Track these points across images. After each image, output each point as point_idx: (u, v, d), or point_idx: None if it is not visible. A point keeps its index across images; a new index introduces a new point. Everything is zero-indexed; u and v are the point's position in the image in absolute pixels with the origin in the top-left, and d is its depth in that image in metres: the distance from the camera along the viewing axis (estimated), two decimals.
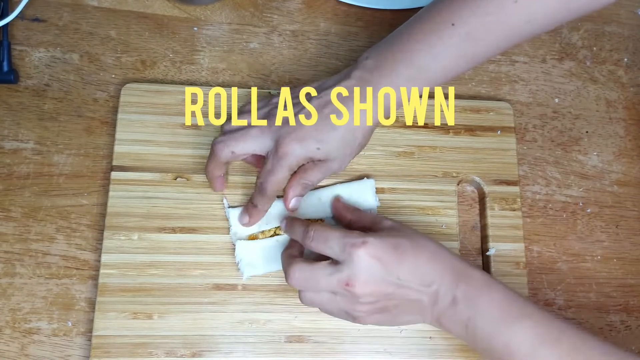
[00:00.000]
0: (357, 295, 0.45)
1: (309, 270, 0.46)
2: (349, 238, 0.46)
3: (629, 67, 0.67)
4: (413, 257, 0.46)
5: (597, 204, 0.61)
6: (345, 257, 0.45)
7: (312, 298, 0.47)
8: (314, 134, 0.48)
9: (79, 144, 0.56)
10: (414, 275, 0.46)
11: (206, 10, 0.62)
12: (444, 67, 0.50)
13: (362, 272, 0.45)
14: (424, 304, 0.46)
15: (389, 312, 0.47)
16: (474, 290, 0.46)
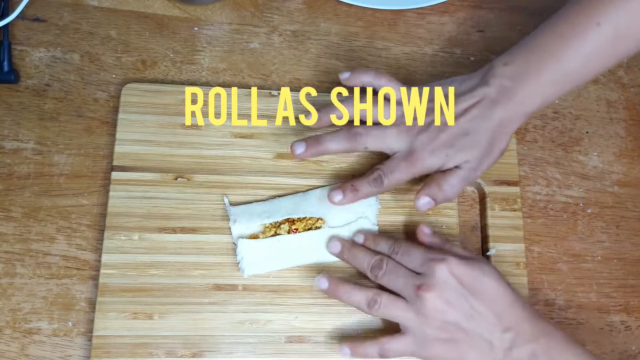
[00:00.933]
0: (427, 304, 0.45)
1: (394, 266, 0.48)
2: (431, 254, 0.47)
3: (629, 68, 0.67)
4: (494, 295, 0.46)
5: (598, 204, 0.61)
6: (425, 269, 0.46)
7: (387, 304, 0.47)
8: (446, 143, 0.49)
9: (80, 144, 0.56)
10: (491, 312, 0.45)
11: (206, 10, 0.62)
12: (591, 68, 0.49)
13: (438, 285, 0.45)
14: (495, 348, 0.45)
15: (456, 344, 0.46)
16: (557, 348, 0.45)
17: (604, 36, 0.47)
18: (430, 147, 0.49)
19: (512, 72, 0.49)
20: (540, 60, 0.49)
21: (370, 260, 0.50)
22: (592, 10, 0.48)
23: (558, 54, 0.48)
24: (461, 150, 0.50)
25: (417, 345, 0.47)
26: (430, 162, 0.50)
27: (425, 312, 0.46)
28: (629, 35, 0.48)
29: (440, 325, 0.46)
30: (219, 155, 0.56)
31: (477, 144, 0.50)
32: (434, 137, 0.50)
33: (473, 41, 0.65)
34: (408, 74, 0.63)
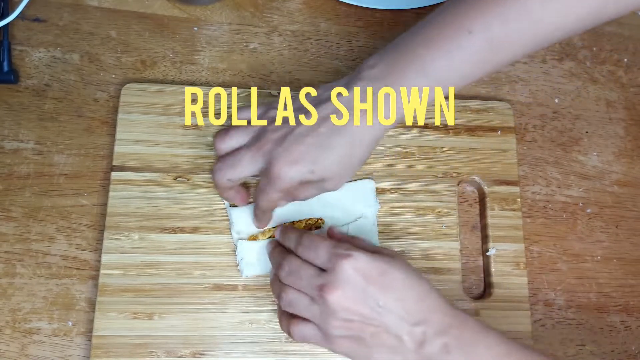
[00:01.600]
0: (330, 305, 0.43)
1: (298, 265, 0.46)
2: (337, 249, 0.44)
3: (629, 68, 0.67)
4: (401, 289, 0.44)
5: (597, 204, 0.61)
6: (330, 266, 0.44)
7: (291, 298, 0.45)
8: (307, 156, 0.45)
9: (79, 144, 0.56)
10: (399, 307, 0.43)
11: (206, 10, 0.62)
12: (460, 75, 0.46)
13: (342, 284, 0.43)
14: (404, 345, 0.43)
15: (363, 342, 0.44)
16: (470, 337, 0.43)
17: (475, 45, 0.44)
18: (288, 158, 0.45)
19: (376, 74, 0.46)
20: (404, 63, 0.45)
21: (277, 259, 0.48)
22: (465, 16, 0.44)
23: (424, 57, 0.45)
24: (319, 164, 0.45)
25: (323, 338, 0.45)
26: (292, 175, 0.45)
27: (328, 311, 0.43)
28: (504, 45, 0.44)
29: (344, 323, 0.44)
30: None
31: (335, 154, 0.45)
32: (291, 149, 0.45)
33: None
34: None
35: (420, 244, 0.56)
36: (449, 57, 0.44)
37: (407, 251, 0.55)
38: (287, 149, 0.45)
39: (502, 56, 0.46)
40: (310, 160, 0.45)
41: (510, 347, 0.43)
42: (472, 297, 0.56)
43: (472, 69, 0.46)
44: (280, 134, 0.46)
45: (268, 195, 0.47)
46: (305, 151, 0.45)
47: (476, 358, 0.43)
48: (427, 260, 0.55)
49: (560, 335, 0.57)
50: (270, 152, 0.46)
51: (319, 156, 0.45)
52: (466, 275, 0.57)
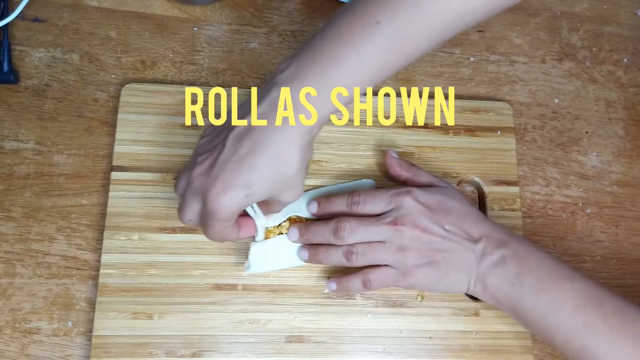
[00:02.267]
0: (406, 235, 0.48)
1: (358, 221, 0.49)
2: (394, 190, 0.50)
3: (628, 68, 0.67)
4: (459, 215, 0.50)
5: (597, 204, 0.61)
6: (393, 205, 0.49)
7: (363, 251, 0.49)
8: (236, 182, 0.42)
9: (79, 144, 0.56)
10: (461, 229, 0.49)
11: (206, 10, 0.62)
12: (371, 68, 0.44)
13: (410, 214, 0.48)
14: (471, 260, 0.49)
15: (437, 266, 0.49)
16: (523, 250, 0.49)
17: (383, 35, 0.43)
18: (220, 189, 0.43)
19: (288, 76, 0.44)
20: (315, 60, 0.43)
21: (330, 227, 0.50)
22: (372, 7, 0.43)
23: (333, 52, 0.43)
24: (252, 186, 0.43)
25: (400, 275, 0.49)
26: (229, 205, 0.43)
27: (404, 244, 0.48)
28: (413, 34, 0.44)
29: (419, 252, 0.49)
30: None
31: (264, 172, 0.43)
32: (218, 177, 0.43)
33: (473, 41, 0.65)
34: (408, 74, 0.63)
35: None
36: (357, 50, 0.43)
37: None
38: (215, 179, 0.43)
39: (412, 46, 0.44)
40: (241, 185, 0.43)
41: (558, 262, 0.49)
42: (472, 297, 0.56)
43: (383, 62, 0.44)
44: (206, 166, 0.44)
45: (213, 228, 0.45)
46: (232, 177, 0.42)
47: (527, 267, 0.48)
48: None
49: None
50: (202, 188, 0.43)
51: (247, 178, 0.43)
52: None
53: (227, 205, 0.43)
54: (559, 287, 0.48)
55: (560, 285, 0.48)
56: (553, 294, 0.47)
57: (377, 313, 0.54)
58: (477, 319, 0.54)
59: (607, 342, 0.46)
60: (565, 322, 0.47)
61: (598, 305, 0.46)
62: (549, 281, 0.48)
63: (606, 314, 0.46)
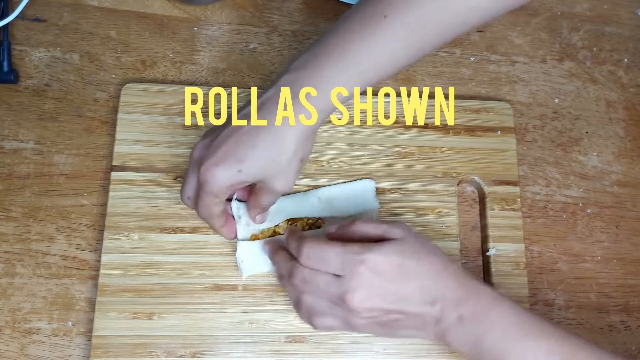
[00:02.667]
0: (354, 309, 0.44)
1: (312, 275, 0.45)
2: (347, 255, 0.44)
3: (629, 68, 0.67)
4: (417, 275, 0.44)
5: (597, 204, 0.61)
6: (345, 273, 0.44)
7: (311, 302, 0.46)
8: (231, 156, 0.44)
9: (79, 144, 0.56)
10: (417, 294, 0.44)
11: (206, 10, 0.62)
12: (377, 62, 0.45)
13: (362, 288, 0.43)
14: (425, 321, 0.45)
15: (388, 326, 0.46)
16: (483, 307, 0.45)
17: (391, 29, 0.44)
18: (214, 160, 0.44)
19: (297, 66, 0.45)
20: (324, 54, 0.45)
21: (287, 266, 0.47)
22: (379, 3, 0.44)
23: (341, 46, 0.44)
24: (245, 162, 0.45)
25: (348, 328, 0.47)
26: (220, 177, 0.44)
27: (352, 312, 0.45)
28: (415, 29, 0.44)
29: (368, 318, 0.45)
30: None
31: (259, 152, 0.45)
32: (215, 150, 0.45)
33: (473, 41, 0.65)
34: (408, 74, 0.63)
35: None
36: (365, 45, 0.44)
37: None
38: (212, 151, 0.45)
39: (420, 40, 0.45)
40: (236, 159, 0.44)
41: (521, 316, 0.45)
42: None
43: (389, 57, 0.45)
44: (208, 140, 0.46)
45: (202, 201, 0.46)
46: (229, 151, 0.44)
47: (489, 326, 0.44)
48: None
49: None
50: (199, 159, 0.46)
51: (243, 154, 0.44)
52: None
53: (219, 177, 0.44)
54: (524, 346, 0.44)
55: (525, 342, 0.44)
56: (516, 356, 0.43)
57: None
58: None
59: None
60: None
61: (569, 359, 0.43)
62: (512, 341, 0.44)
63: None
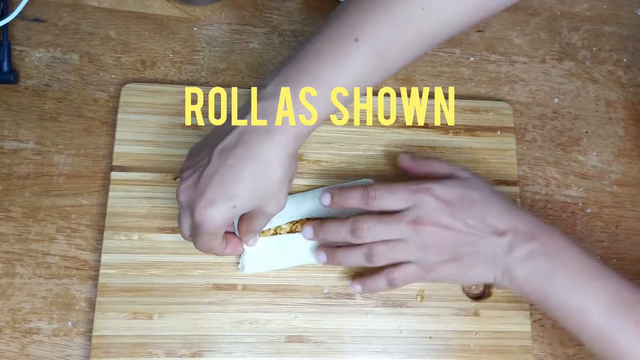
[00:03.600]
0: (427, 234, 0.47)
1: (377, 219, 0.48)
2: (413, 186, 0.48)
3: (628, 68, 0.67)
4: (482, 207, 0.48)
5: (597, 204, 0.61)
6: (411, 203, 0.47)
7: (384, 252, 0.48)
8: (221, 193, 0.43)
9: (79, 144, 0.56)
10: (484, 223, 0.47)
11: (206, 10, 0.62)
12: (351, 84, 0.45)
13: (430, 213, 0.47)
14: (497, 254, 0.47)
15: (461, 260, 0.48)
16: (554, 245, 0.47)
17: (363, 53, 0.44)
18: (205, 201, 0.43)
19: (270, 92, 0.44)
20: (297, 77, 0.44)
21: (347, 226, 0.48)
22: (350, 26, 0.44)
23: (313, 70, 0.44)
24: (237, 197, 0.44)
25: (424, 270, 0.48)
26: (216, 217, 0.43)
27: (426, 242, 0.47)
28: (387, 50, 0.45)
29: (442, 250, 0.48)
30: None
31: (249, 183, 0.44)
32: (204, 190, 0.43)
33: (473, 41, 0.65)
34: (408, 73, 0.63)
35: None
36: (338, 65, 0.44)
37: None
38: (202, 192, 0.43)
39: (391, 61, 0.46)
40: (227, 196, 0.43)
41: (590, 259, 0.47)
42: (472, 297, 0.56)
43: (363, 77, 0.45)
44: (192, 180, 0.44)
45: (201, 240, 0.46)
46: (218, 190, 0.43)
47: (558, 263, 0.46)
48: None
49: (560, 336, 0.57)
50: (189, 203, 0.44)
51: (233, 190, 0.43)
52: None
53: (214, 218, 0.43)
54: (592, 286, 0.46)
55: (594, 284, 0.46)
56: (585, 294, 0.46)
57: (377, 313, 0.53)
58: (477, 319, 0.54)
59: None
60: (597, 324, 0.45)
61: (632, 307, 0.45)
62: (582, 279, 0.46)
63: (638, 321, 0.44)
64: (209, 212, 0.43)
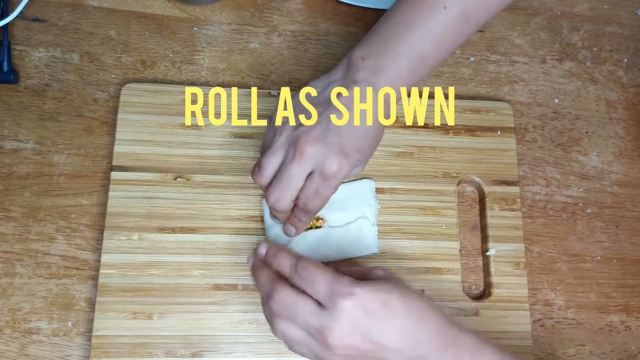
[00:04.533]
0: (331, 345, 0.42)
1: (294, 300, 0.42)
2: (336, 285, 0.42)
3: (629, 68, 0.67)
4: (402, 316, 0.42)
5: (597, 204, 0.61)
6: (330, 305, 0.41)
7: (285, 329, 0.43)
8: (354, 148, 0.47)
9: (79, 144, 0.56)
10: (399, 336, 0.42)
11: (206, 10, 0.62)
12: (442, 50, 0.49)
13: (344, 325, 0.41)
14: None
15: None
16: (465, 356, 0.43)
17: (451, 17, 0.47)
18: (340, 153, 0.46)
19: (371, 65, 0.48)
20: (394, 49, 0.48)
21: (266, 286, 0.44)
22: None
23: (411, 41, 0.48)
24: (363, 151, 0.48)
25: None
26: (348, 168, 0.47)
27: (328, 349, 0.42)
28: (474, 14, 0.48)
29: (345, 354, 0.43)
30: (219, 155, 0.56)
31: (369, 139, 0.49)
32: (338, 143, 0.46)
33: (473, 41, 0.65)
34: None
35: (420, 244, 0.56)
36: (431, 34, 0.48)
37: (407, 251, 0.55)
38: (335, 145, 0.46)
39: (472, 26, 0.49)
40: (357, 149, 0.47)
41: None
42: (472, 297, 0.56)
43: (450, 41, 0.49)
44: (318, 132, 0.46)
45: (323, 196, 0.47)
46: (351, 144, 0.47)
47: None
48: (427, 260, 0.55)
49: (560, 335, 0.57)
50: (317, 154, 0.46)
51: (361, 145, 0.47)
52: (466, 275, 0.57)
53: (346, 170, 0.46)
54: None
55: None
56: None
57: None
58: (477, 319, 0.54)
59: None
60: None
61: None
62: None
63: None
64: (342, 164, 0.46)
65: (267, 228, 0.53)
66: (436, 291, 0.55)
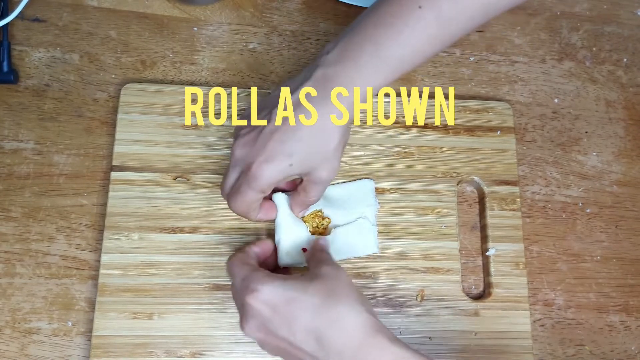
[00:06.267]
0: (247, 334, 0.44)
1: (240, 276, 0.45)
2: (246, 281, 0.44)
3: (628, 68, 0.67)
4: (310, 316, 0.41)
5: (597, 204, 0.61)
6: (243, 300, 0.43)
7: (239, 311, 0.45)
8: (280, 150, 0.44)
9: (79, 144, 0.56)
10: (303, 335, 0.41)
11: (206, 10, 0.62)
12: (412, 53, 0.46)
13: (251, 320, 0.43)
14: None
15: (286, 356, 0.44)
16: None
17: (425, 20, 0.44)
18: (265, 156, 0.45)
19: (333, 59, 0.46)
20: (358, 46, 0.45)
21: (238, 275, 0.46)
22: None
23: (376, 38, 0.45)
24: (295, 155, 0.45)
25: None
26: (272, 173, 0.45)
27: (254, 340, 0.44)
28: (450, 18, 0.45)
29: (265, 347, 0.44)
30: (219, 155, 0.56)
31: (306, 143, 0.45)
32: (264, 145, 0.45)
33: (473, 41, 0.65)
34: (407, 74, 0.63)
35: (419, 244, 0.56)
36: (400, 37, 0.45)
37: (406, 251, 0.55)
38: (261, 148, 0.45)
39: (451, 31, 0.46)
40: (285, 154, 0.45)
41: None
42: (471, 297, 0.56)
43: (422, 48, 0.46)
44: (250, 137, 0.46)
45: (245, 197, 0.46)
46: (277, 147, 0.45)
47: None
48: (427, 260, 0.55)
49: (560, 335, 0.57)
50: (247, 157, 0.45)
51: (292, 148, 0.45)
52: (466, 275, 0.57)
53: (270, 173, 0.45)
54: None
55: None
56: None
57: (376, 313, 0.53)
58: (477, 319, 0.54)
59: None
60: None
61: None
62: None
63: None
64: (265, 167, 0.44)
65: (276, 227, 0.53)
66: (436, 291, 0.55)
